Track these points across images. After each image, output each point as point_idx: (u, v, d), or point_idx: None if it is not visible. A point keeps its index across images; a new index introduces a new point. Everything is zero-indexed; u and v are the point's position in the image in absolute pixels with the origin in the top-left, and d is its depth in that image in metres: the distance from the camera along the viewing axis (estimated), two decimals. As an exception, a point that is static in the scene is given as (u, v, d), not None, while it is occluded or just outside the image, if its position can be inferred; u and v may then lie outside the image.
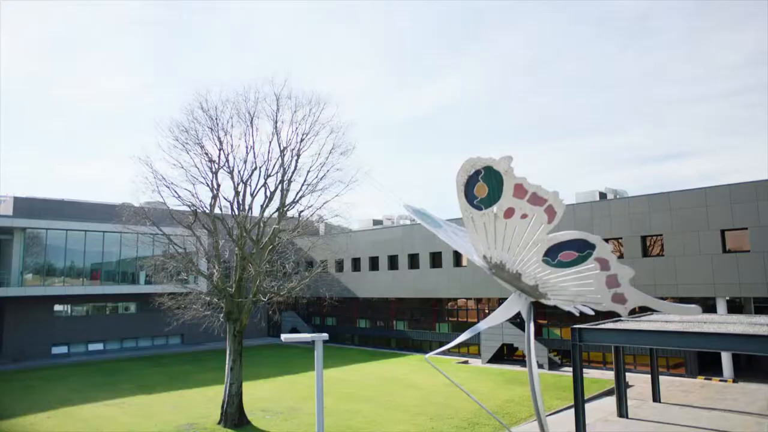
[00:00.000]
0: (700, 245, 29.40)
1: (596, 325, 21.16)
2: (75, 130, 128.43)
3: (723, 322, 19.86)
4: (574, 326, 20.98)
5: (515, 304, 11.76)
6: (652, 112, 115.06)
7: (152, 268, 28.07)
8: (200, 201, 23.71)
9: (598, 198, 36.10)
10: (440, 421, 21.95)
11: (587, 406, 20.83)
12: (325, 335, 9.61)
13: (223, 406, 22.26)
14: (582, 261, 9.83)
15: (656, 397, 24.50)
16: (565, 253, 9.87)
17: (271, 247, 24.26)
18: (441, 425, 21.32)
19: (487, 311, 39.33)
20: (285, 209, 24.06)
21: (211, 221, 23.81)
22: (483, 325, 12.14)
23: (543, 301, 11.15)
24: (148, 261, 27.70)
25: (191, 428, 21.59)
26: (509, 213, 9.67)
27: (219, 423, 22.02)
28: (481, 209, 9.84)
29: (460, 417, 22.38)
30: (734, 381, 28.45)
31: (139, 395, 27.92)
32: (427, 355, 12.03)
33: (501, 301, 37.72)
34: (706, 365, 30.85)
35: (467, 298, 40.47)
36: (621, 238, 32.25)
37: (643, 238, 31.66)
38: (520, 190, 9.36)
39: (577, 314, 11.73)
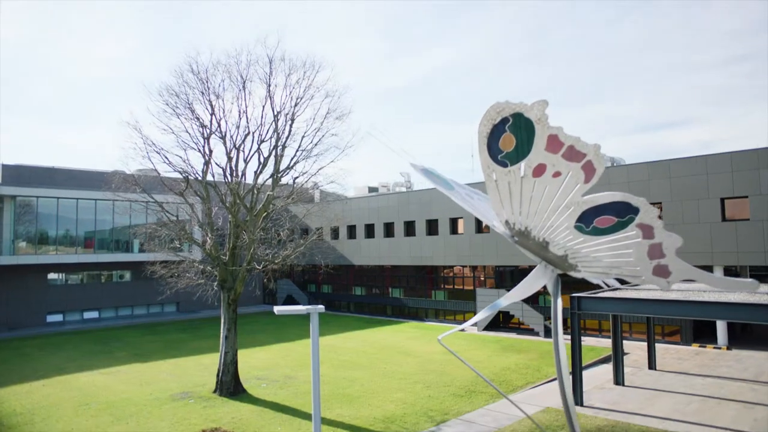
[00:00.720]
0: (700, 213, 29.15)
1: (595, 293, 20.99)
2: (64, 98, 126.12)
3: (722, 291, 19.71)
4: (573, 294, 20.81)
5: (540, 277, 10.16)
6: (649, 80, 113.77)
7: (144, 235, 27.67)
8: (192, 167, 23.15)
9: (596, 165, 35.58)
10: (437, 389, 21.94)
11: (583, 373, 20.84)
12: (321, 307, 9.13)
13: (218, 375, 22.15)
14: (621, 227, 8.27)
15: (652, 365, 24.57)
16: (603, 219, 8.32)
17: (265, 214, 23.82)
18: (438, 393, 21.31)
19: (482, 278, 39.30)
20: (279, 175, 23.53)
21: (203, 188, 23.29)
22: (504, 301, 10.73)
23: (572, 273, 9.70)
24: (140, 229, 27.25)
25: (187, 396, 21.50)
26: (539, 170, 8.09)
27: (214, 391, 21.93)
28: (506, 166, 8.21)
29: (457, 385, 22.37)
30: (728, 348, 28.59)
31: (135, 363, 27.83)
32: (440, 336, 10.39)
33: (497, 268, 38.31)
34: (701, 333, 30.99)
35: (463, 266, 40.37)
36: (619, 206, 31.91)
37: (642, 206, 31.33)
38: (554, 142, 7.81)
39: (606, 287, 10.65)
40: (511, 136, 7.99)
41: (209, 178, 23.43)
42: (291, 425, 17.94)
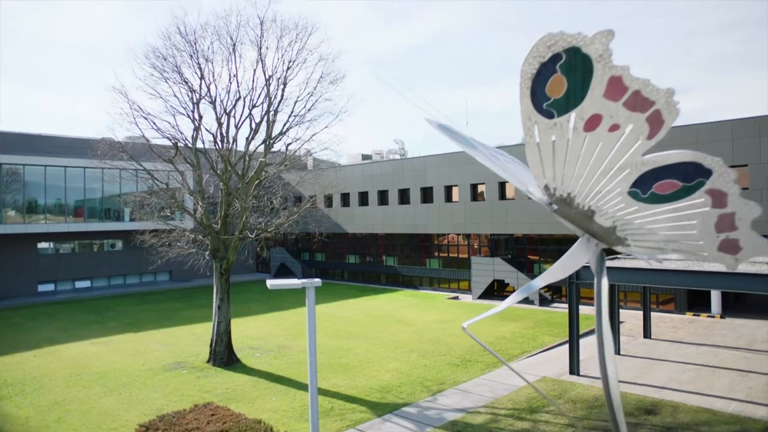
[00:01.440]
0: (698, 182, 28.82)
1: (593, 263, 20.75)
2: (48, 63, 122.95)
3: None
4: (571, 264, 20.55)
5: (582, 253, 8.58)
6: (642, 47, 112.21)
7: (134, 204, 27.10)
8: (181, 133, 22.44)
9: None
10: (432, 358, 21.85)
11: (579, 342, 20.75)
12: (318, 281, 8.69)
13: (211, 345, 21.91)
14: (686, 194, 6.11)
15: (647, 334, 24.58)
16: (664, 183, 6.19)
17: (257, 181, 23.27)
18: (433, 362, 21.21)
19: (477, 247, 39.11)
20: (271, 142, 22.90)
21: (193, 155, 22.64)
22: (540, 281, 8.93)
23: (619, 248, 8.35)
24: (130, 197, 26.63)
25: (180, 367, 21.29)
26: (593, 123, 6.08)
27: (208, 361, 21.73)
28: (551, 117, 6.24)
29: (453, 354, 22.28)
30: (722, 317, 28.67)
31: (127, 333, 27.58)
32: (465, 324, 8.92)
33: (492, 237, 38.06)
34: (695, 301, 31.03)
35: (458, 234, 40.13)
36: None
37: (640, 175, 30.95)
38: (615, 87, 5.80)
39: (648, 263, 8.97)
40: (563, 78, 6.09)
41: (199, 144, 22.79)
42: (286, 395, 17.78)
